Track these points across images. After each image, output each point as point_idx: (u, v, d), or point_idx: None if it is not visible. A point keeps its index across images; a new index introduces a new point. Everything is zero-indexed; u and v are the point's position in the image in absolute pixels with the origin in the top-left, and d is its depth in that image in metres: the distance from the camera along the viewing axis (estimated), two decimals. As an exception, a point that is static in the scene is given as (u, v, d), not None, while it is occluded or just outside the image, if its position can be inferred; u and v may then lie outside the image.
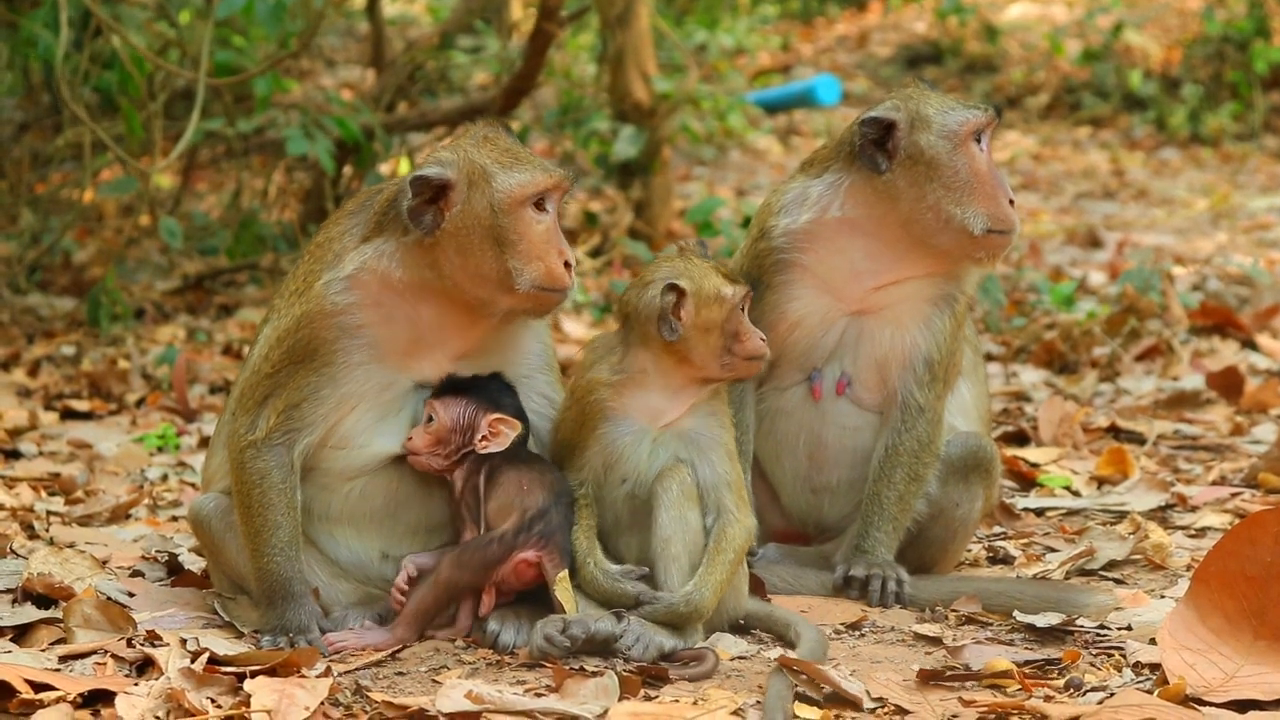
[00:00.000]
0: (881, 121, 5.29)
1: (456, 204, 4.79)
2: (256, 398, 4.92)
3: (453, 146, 4.91)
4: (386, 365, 4.91)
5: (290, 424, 4.88)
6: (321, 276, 4.90)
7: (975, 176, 5.26)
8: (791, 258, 5.38)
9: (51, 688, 4.28)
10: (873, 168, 5.28)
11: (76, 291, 10.85)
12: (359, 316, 4.86)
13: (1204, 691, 4.25)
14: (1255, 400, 8.00)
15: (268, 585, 4.88)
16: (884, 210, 5.32)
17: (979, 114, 5.32)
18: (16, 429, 7.81)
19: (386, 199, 4.91)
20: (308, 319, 4.88)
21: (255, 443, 4.88)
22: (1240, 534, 4.47)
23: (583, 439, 4.92)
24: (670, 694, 4.40)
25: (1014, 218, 5.30)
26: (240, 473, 4.90)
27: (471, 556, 4.82)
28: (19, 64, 10.66)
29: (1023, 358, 9.34)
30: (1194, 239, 13.84)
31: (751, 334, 4.93)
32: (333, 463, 4.96)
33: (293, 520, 4.88)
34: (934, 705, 4.32)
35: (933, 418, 5.39)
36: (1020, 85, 21.21)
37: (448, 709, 4.21)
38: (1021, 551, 5.89)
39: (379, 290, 4.86)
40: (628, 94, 12.23)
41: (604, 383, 4.90)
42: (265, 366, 4.94)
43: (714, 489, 4.89)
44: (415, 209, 4.78)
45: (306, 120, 10.44)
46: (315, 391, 4.87)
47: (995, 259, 5.38)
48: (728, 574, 4.82)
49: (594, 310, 10.60)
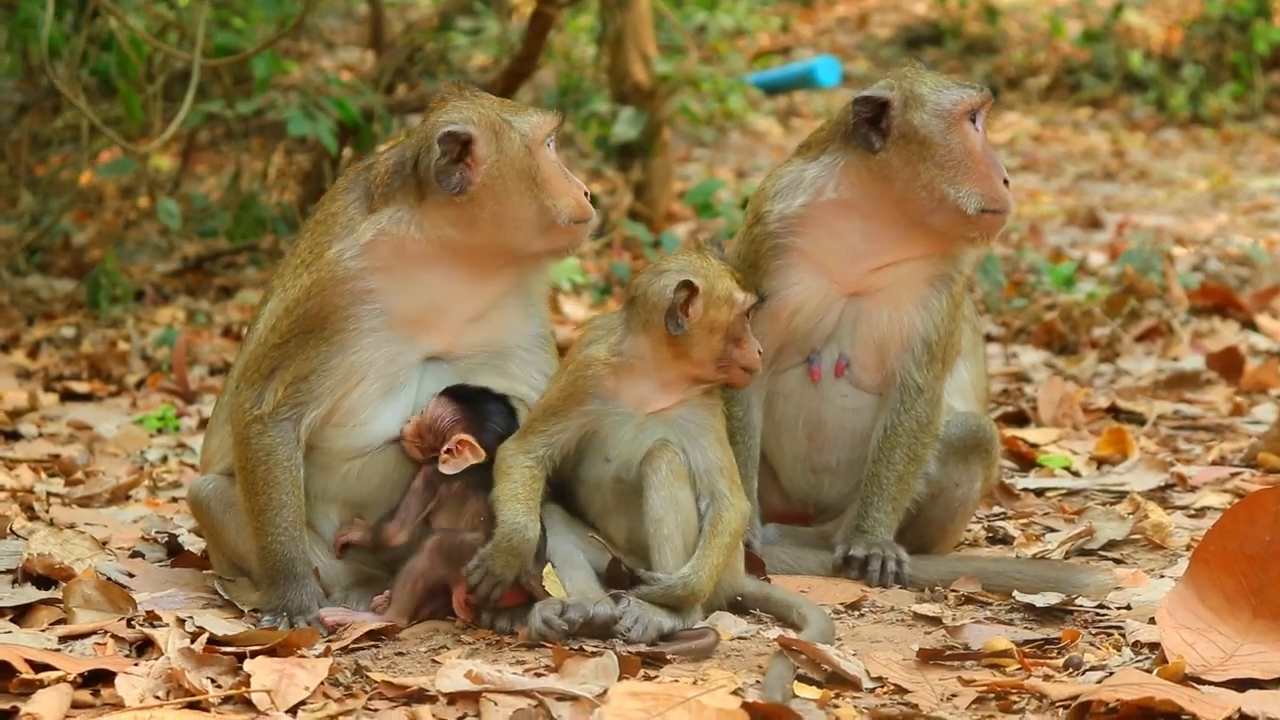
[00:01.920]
0: (875, 100, 5.28)
1: (487, 156, 4.82)
2: (263, 370, 4.90)
3: (452, 107, 4.92)
4: (396, 334, 4.89)
5: (298, 397, 4.86)
6: (332, 246, 4.89)
7: (969, 156, 5.25)
8: (787, 242, 5.37)
9: (51, 668, 4.28)
10: (867, 147, 5.27)
11: (76, 273, 10.85)
12: (371, 282, 4.86)
13: (1203, 670, 4.25)
14: (1255, 380, 8.00)
15: (270, 565, 4.88)
16: (879, 191, 5.31)
17: (973, 93, 5.30)
18: (16, 410, 7.81)
19: (388, 169, 4.91)
20: (319, 286, 4.87)
21: (261, 417, 4.87)
22: (1239, 513, 4.47)
23: (565, 409, 4.88)
24: (670, 674, 4.41)
25: (1008, 197, 5.28)
26: (245, 449, 4.89)
27: (446, 550, 4.82)
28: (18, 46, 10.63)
29: (1023, 338, 9.34)
30: (1194, 220, 13.83)
31: (751, 345, 4.92)
32: (333, 441, 4.95)
33: (297, 499, 4.88)
34: (933, 685, 4.32)
35: (931, 398, 5.39)
36: (1020, 66, 21.18)
37: (448, 689, 4.21)
38: (1021, 531, 5.89)
39: (392, 256, 4.87)
40: (627, 75, 12.21)
41: (601, 360, 4.89)
42: (273, 338, 4.91)
43: (706, 474, 4.88)
44: (443, 168, 4.79)
45: (306, 102, 10.42)
46: (325, 362, 4.86)
47: (990, 239, 5.36)
48: (724, 557, 4.82)
49: (593, 291, 10.59)
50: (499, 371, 5.02)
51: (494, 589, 4.71)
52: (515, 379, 5.04)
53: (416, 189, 4.85)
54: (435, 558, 4.81)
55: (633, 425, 4.89)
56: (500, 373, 5.02)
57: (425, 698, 4.22)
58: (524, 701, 4.16)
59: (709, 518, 4.85)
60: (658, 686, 4.18)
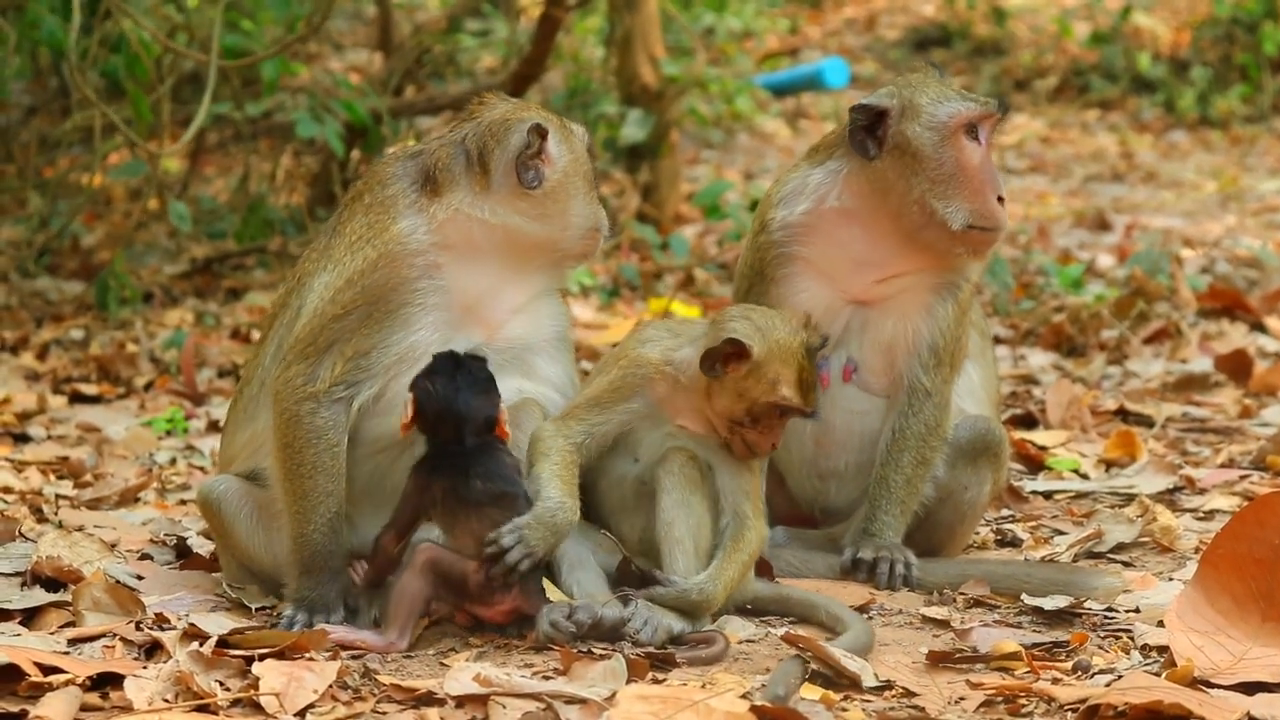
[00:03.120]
0: (871, 109, 5.26)
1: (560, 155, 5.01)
2: (320, 344, 4.83)
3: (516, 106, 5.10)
4: (452, 317, 4.89)
5: (356, 374, 4.80)
6: (399, 221, 4.90)
7: (961, 170, 5.21)
8: (791, 251, 5.37)
9: (60, 670, 4.28)
10: (863, 154, 5.26)
11: (85, 275, 10.86)
12: (440, 258, 4.89)
13: (1212, 674, 4.25)
14: (1264, 382, 7.99)
15: (305, 556, 4.83)
16: (877, 201, 5.29)
17: (973, 106, 5.26)
18: (25, 413, 7.82)
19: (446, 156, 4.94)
20: (388, 259, 4.86)
21: (316, 395, 4.79)
22: (1248, 516, 4.47)
23: (611, 403, 4.90)
24: (678, 677, 4.40)
25: (999, 215, 5.23)
26: (294, 429, 4.79)
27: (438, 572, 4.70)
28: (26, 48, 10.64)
29: (1031, 341, 9.33)
30: (1203, 221, 13.81)
31: (769, 435, 4.87)
32: (368, 430, 4.88)
33: (341, 489, 4.82)
34: (942, 687, 4.32)
35: (940, 401, 5.38)
36: (1029, 68, 21.16)
37: (456, 691, 4.21)
38: (1029, 534, 5.89)
39: (460, 237, 4.91)
40: (635, 77, 12.22)
41: (653, 363, 4.90)
42: (333, 309, 4.85)
43: (732, 495, 4.91)
44: (525, 160, 4.91)
45: (315, 104, 10.44)
46: (387, 337, 4.82)
47: (979, 256, 5.32)
48: (740, 573, 4.83)
49: (601, 293, 10.59)
50: (525, 367, 5.03)
51: (523, 559, 4.61)
52: (538, 378, 5.05)
53: (483, 177, 4.91)
54: (428, 576, 4.67)
55: (665, 432, 4.91)
56: (526, 370, 5.03)
57: (434, 701, 4.22)
58: (532, 704, 4.16)
59: (730, 533, 4.86)
60: (666, 689, 4.18)
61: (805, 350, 4.84)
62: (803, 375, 4.82)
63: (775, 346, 4.80)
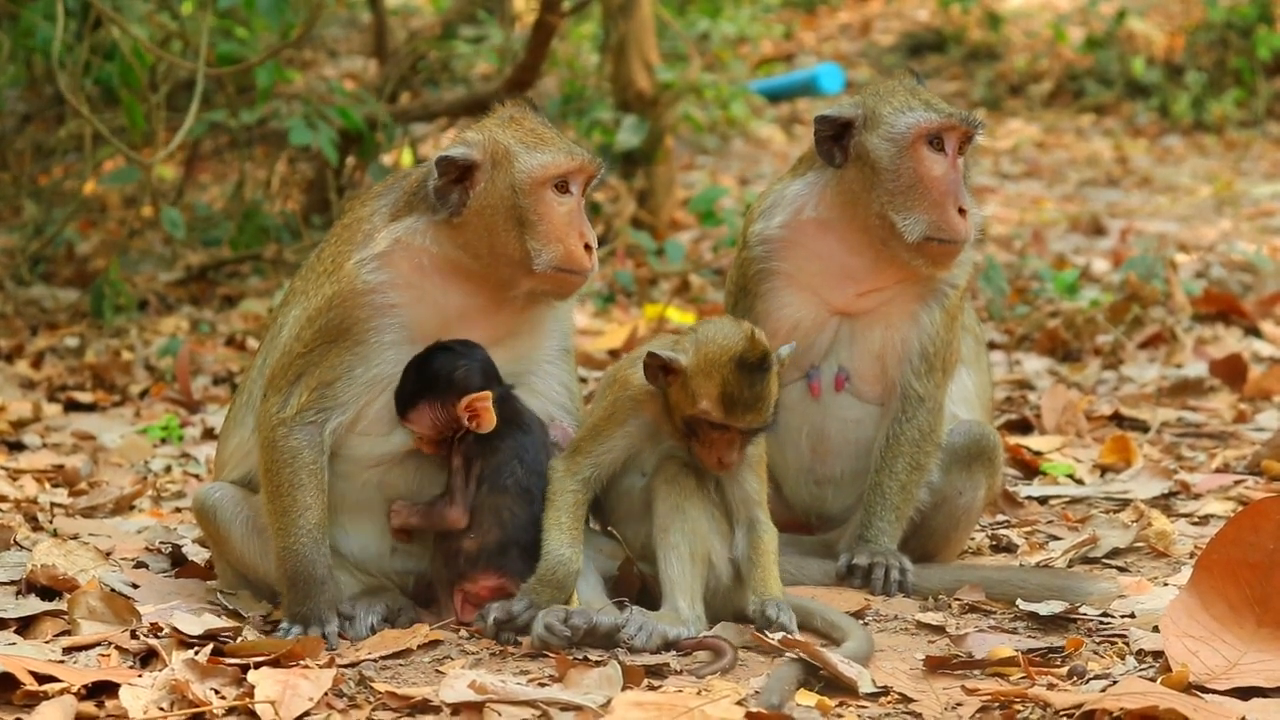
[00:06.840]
0: (834, 120, 5.25)
1: (480, 183, 4.85)
2: (289, 377, 4.93)
3: (479, 127, 4.97)
4: (417, 347, 4.91)
5: (323, 402, 4.89)
6: (352, 256, 4.93)
7: (920, 181, 5.18)
8: (772, 265, 5.37)
9: (55, 679, 4.28)
10: (830, 163, 5.26)
11: (80, 283, 10.86)
12: (391, 296, 4.90)
13: (1207, 679, 4.25)
14: (1258, 387, 8.00)
15: (291, 568, 4.88)
16: (850, 213, 5.28)
17: (934, 117, 5.21)
18: (20, 421, 7.82)
19: (416, 180, 4.97)
20: (340, 298, 4.90)
21: (287, 420, 4.89)
22: (1243, 521, 4.47)
23: (609, 430, 4.91)
24: (674, 684, 4.40)
25: (960, 227, 5.18)
26: (271, 451, 4.90)
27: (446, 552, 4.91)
28: (21, 55, 10.64)
29: (1026, 346, 9.33)
30: (1197, 226, 13.83)
31: (714, 450, 4.80)
32: (356, 448, 4.96)
33: (321, 502, 4.89)
34: (938, 693, 4.33)
35: (933, 407, 5.38)
36: (1023, 73, 21.18)
37: (451, 699, 4.21)
38: (1024, 540, 5.89)
39: (410, 270, 4.90)
40: (630, 83, 12.23)
41: (636, 384, 4.89)
42: (297, 346, 4.94)
43: (744, 504, 4.92)
44: (441, 189, 4.86)
45: (309, 111, 10.44)
46: (348, 371, 4.89)
47: (939, 269, 5.27)
48: (776, 570, 4.85)
49: (597, 300, 10.59)
50: (523, 387, 5.04)
51: (530, 616, 4.70)
52: (538, 393, 5.08)
53: (426, 204, 4.91)
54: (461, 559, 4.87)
55: (668, 445, 4.91)
56: (524, 389, 5.04)
57: (429, 708, 4.22)
58: (528, 712, 4.16)
59: (750, 542, 4.88)
60: (662, 696, 4.18)
61: (736, 365, 4.72)
62: (726, 389, 4.72)
63: (703, 360, 4.75)
